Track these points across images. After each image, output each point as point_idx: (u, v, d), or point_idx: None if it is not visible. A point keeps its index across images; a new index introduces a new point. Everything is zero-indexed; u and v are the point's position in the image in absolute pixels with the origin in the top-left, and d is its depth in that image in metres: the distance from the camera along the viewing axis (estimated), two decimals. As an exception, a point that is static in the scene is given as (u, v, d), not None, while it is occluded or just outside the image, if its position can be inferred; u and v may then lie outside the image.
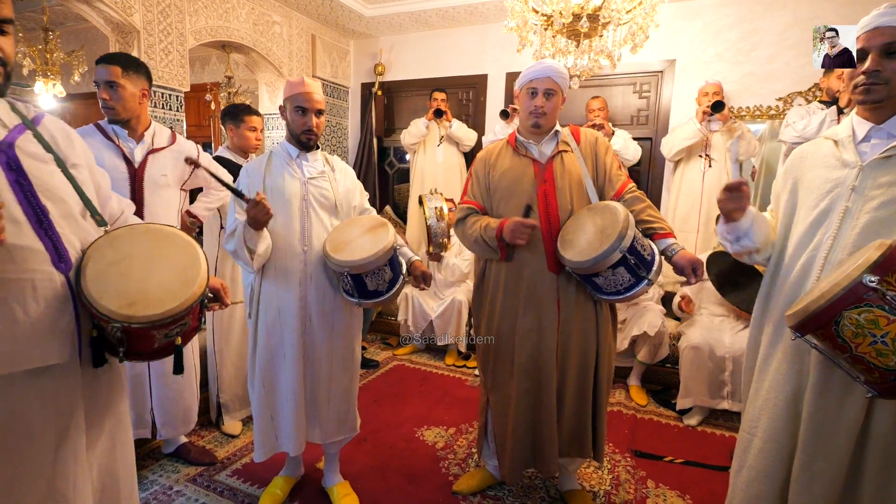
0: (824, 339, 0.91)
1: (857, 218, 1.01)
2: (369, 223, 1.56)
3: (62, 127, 1.00)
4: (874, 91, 0.98)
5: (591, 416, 1.58)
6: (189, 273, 0.94)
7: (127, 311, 0.86)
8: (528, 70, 1.53)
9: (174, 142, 1.77)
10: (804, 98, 2.77)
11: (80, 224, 0.94)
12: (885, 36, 0.96)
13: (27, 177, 0.87)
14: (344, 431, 1.68)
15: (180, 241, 0.98)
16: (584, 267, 1.37)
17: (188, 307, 0.91)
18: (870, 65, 0.97)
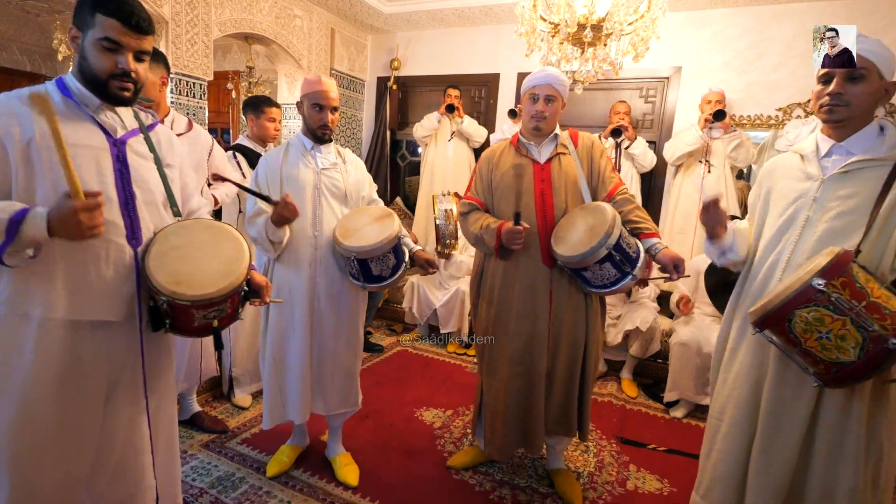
0: (780, 335, 1.02)
1: (816, 226, 1.11)
2: (377, 213, 1.69)
3: (168, 135, 1.22)
4: (836, 111, 1.08)
5: (577, 399, 1.70)
6: (231, 266, 1.09)
7: (173, 288, 1.02)
8: (531, 77, 1.63)
9: (191, 129, 1.92)
10: (802, 109, 2.82)
11: (159, 212, 1.13)
12: None
13: (128, 168, 1.08)
14: (346, 405, 1.82)
15: (233, 239, 1.14)
16: (574, 261, 1.49)
17: (223, 295, 1.05)
18: (833, 87, 1.07)
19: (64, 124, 0.97)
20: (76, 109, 1.04)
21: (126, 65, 1.01)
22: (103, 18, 0.98)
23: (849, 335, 0.91)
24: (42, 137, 0.96)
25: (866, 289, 0.93)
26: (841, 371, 0.93)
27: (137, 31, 1.01)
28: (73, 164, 0.90)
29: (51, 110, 0.89)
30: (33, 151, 0.96)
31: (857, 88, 1.05)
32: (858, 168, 1.09)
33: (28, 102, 0.98)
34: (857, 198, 1.08)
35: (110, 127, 1.07)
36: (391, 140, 4.13)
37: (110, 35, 0.99)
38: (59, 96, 1.03)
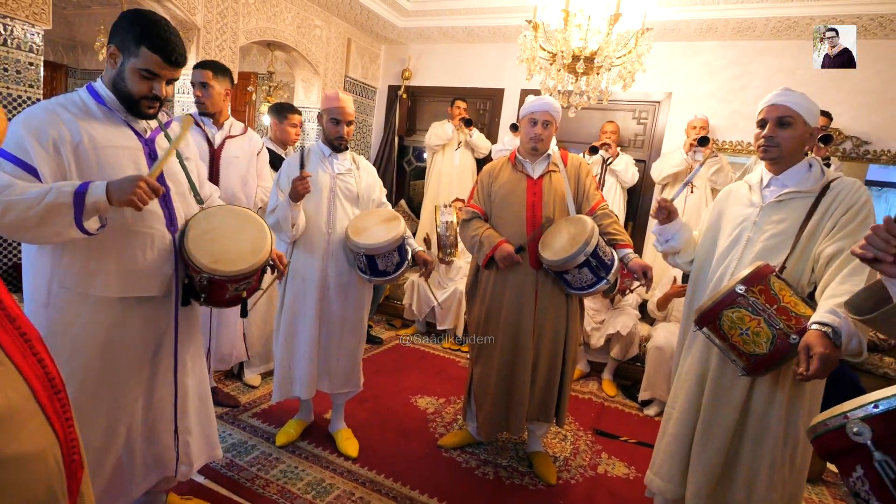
0: (714, 331, 1.24)
1: (755, 245, 1.33)
2: (385, 215, 1.91)
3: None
4: (769, 151, 1.31)
5: (557, 389, 1.92)
6: (258, 245, 1.31)
7: (213, 266, 1.23)
8: (530, 103, 1.86)
9: (245, 132, 2.20)
10: (779, 139, 3.07)
11: (186, 200, 1.33)
12: (779, 111, 1.28)
13: None
14: (349, 386, 2.04)
15: (255, 221, 1.35)
16: (556, 264, 1.71)
17: (255, 269, 1.27)
18: (767, 132, 1.30)
19: (103, 128, 1.14)
20: (111, 115, 1.18)
21: (160, 91, 1.16)
22: (147, 53, 1.11)
23: (762, 332, 1.13)
24: (90, 141, 1.11)
25: (779, 296, 1.16)
26: (756, 361, 1.15)
27: (175, 65, 1.15)
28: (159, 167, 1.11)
29: (184, 135, 1.14)
30: (82, 153, 1.11)
31: (786, 133, 1.28)
32: (790, 198, 1.32)
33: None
34: (786, 223, 1.30)
35: (140, 129, 1.22)
36: (399, 145, 4.36)
37: (152, 68, 1.12)
38: (94, 104, 1.16)
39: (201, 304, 1.32)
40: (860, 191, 1.24)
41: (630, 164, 3.27)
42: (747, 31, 3.02)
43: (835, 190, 1.27)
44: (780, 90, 1.30)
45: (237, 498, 1.68)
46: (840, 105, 2.98)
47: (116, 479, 1.24)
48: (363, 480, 1.86)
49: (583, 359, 3.08)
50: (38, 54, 2.30)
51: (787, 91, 1.29)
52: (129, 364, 1.23)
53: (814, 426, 0.75)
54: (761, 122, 1.32)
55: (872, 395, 0.68)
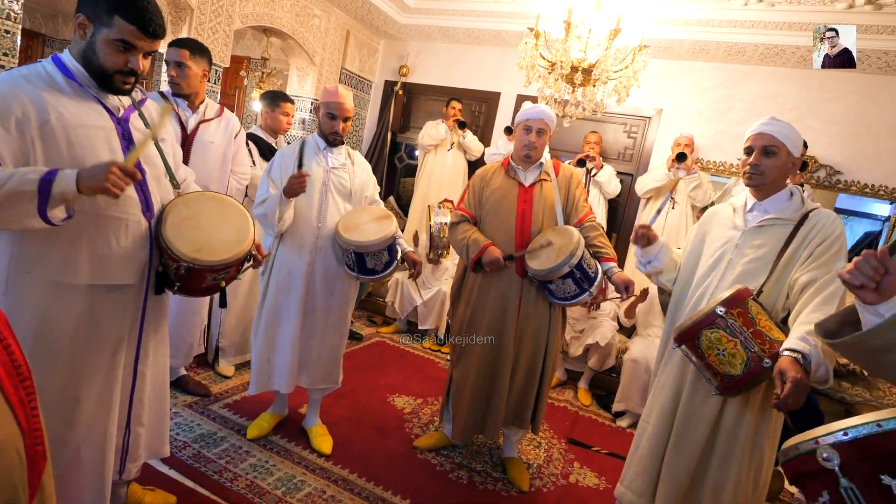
0: (692, 350, 1.27)
1: (735, 268, 1.37)
2: (377, 213, 1.90)
3: (157, 109, 1.31)
4: (754, 178, 1.35)
5: (534, 396, 1.94)
6: (241, 234, 1.27)
7: (194, 255, 1.19)
8: (525, 111, 1.88)
9: (221, 114, 2.11)
10: (761, 163, 3.17)
11: (162, 184, 1.26)
12: (765, 140, 1.32)
13: (135, 145, 1.16)
14: (328, 381, 2.02)
15: (237, 209, 1.31)
16: (541, 274, 1.73)
17: (237, 259, 1.24)
18: (752, 159, 1.34)
19: (73, 105, 1.03)
20: (80, 91, 1.07)
21: (136, 65, 1.06)
22: (122, 22, 1.02)
23: (738, 354, 1.17)
24: (58, 120, 1.01)
25: (755, 319, 1.19)
26: (730, 381, 1.18)
27: (153, 37, 1.06)
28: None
29: (163, 122, 1.05)
30: (49, 133, 1.01)
31: (770, 162, 1.32)
32: (770, 224, 1.36)
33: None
34: (765, 248, 1.34)
35: (113, 107, 1.12)
36: (391, 142, 4.33)
37: (127, 39, 1.03)
38: (62, 78, 1.06)
39: (175, 293, 1.27)
40: (836, 223, 1.28)
41: (613, 175, 3.32)
42: (737, 54, 3.11)
43: (812, 220, 1.32)
44: (767, 119, 1.34)
45: (203, 490, 1.64)
46: (816, 133, 3.10)
47: (73, 470, 1.19)
48: (335, 478, 1.84)
49: (561, 367, 3.12)
50: (17, 22, 2.20)
51: (774, 121, 1.33)
52: (96, 353, 1.17)
53: (786, 449, 0.77)
54: (748, 150, 1.36)
55: (842, 423, 0.70)
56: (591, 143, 3.36)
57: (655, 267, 1.54)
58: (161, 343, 1.37)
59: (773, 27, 2.75)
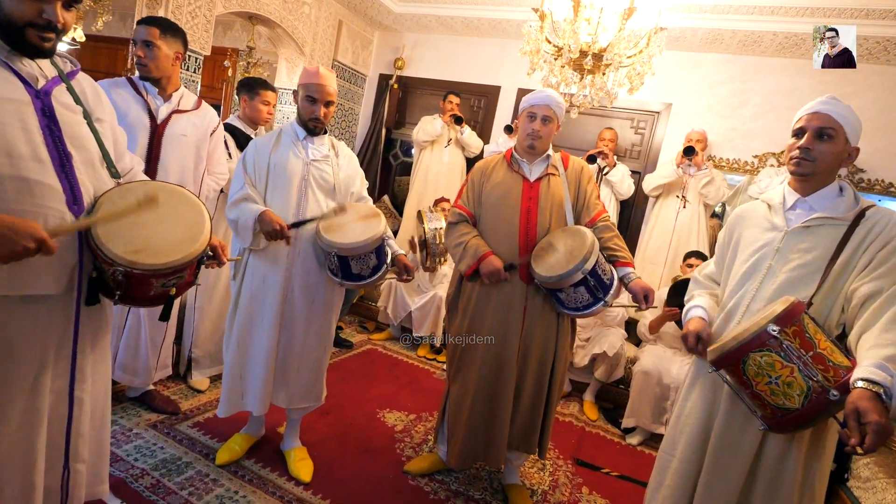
0: (733, 375, 1.06)
1: (777, 275, 1.17)
2: (364, 211, 1.68)
3: (93, 84, 1.09)
4: (803, 165, 1.14)
5: (541, 417, 1.73)
6: (194, 231, 1.05)
7: (132, 257, 0.96)
8: (530, 96, 1.67)
9: (199, 107, 1.89)
10: (776, 159, 2.98)
11: (97, 172, 1.04)
12: (821, 121, 1.12)
13: (58, 123, 0.96)
14: (308, 400, 1.80)
15: (190, 201, 1.10)
16: (550, 282, 1.52)
17: (189, 261, 1.02)
18: (804, 142, 1.13)
19: None
20: None
21: (53, 15, 0.88)
22: None
23: (795, 382, 0.96)
24: None
25: (814, 339, 0.98)
26: (785, 416, 0.97)
27: None
28: None
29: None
30: None
31: (824, 146, 1.12)
32: (818, 224, 1.16)
33: None
34: (814, 252, 1.14)
35: (29, 76, 0.93)
36: (386, 138, 4.12)
37: None
38: None
39: (116, 303, 1.06)
40: None
41: (627, 174, 3.13)
42: (752, 45, 2.91)
43: (871, 220, 1.12)
44: (825, 97, 1.14)
45: (161, 529, 1.42)
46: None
47: None
48: (314, 511, 1.62)
49: (565, 378, 2.91)
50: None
51: (834, 100, 1.12)
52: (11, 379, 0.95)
53: None
54: (798, 131, 1.16)
55: None
56: (606, 139, 3.16)
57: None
58: (101, 362, 1.15)
59: (794, 13, 2.56)
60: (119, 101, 1.68)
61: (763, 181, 2.47)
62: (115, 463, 1.65)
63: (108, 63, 4.95)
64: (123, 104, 1.69)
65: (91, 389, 1.11)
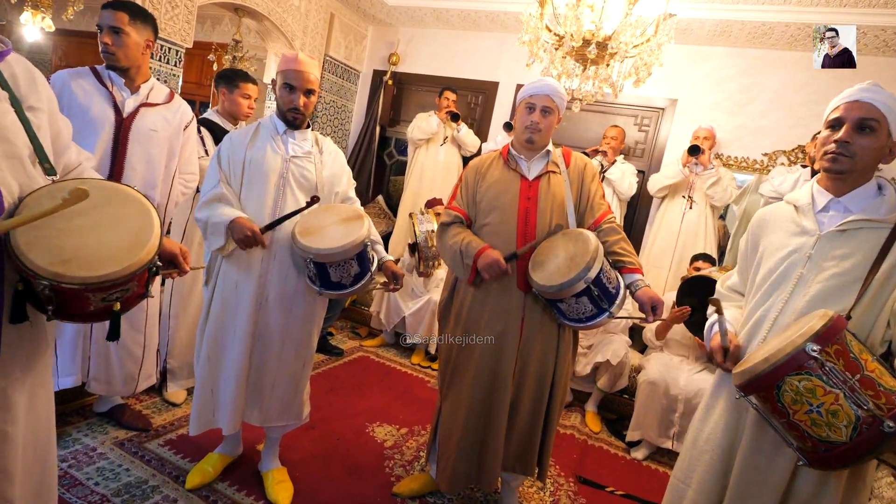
0: (765, 402, 0.92)
1: (809, 286, 1.03)
2: (346, 213, 1.54)
3: (28, 67, 0.94)
4: (840, 161, 1.00)
5: (540, 436, 1.59)
6: (139, 237, 0.91)
7: (58, 269, 0.80)
8: (529, 86, 1.53)
9: (171, 100, 1.73)
10: (787, 157, 2.85)
11: (25, 169, 0.89)
12: (862, 111, 0.98)
13: None
14: (286, 418, 1.65)
15: (134, 202, 0.95)
16: (549, 292, 1.37)
17: (130, 273, 0.87)
18: (842, 135, 0.99)
19: None
20: None
21: None
22: None
23: (841, 411, 0.82)
24: None
25: (860, 360, 0.84)
26: (830, 451, 0.83)
27: None
28: None
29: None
30: None
31: (865, 140, 0.98)
32: (856, 228, 1.02)
33: None
34: (852, 259, 1.00)
35: None
36: (380, 136, 3.99)
37: None
38: None
39: (49, 319, 0.91)
40: None
41: (628, 173, 2.98)
42: (762, 37, 2.78)
43: None
44: (866, 84, 1.00)
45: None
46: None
47: None
48: (292, 542, 1.48)
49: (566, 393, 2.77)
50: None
51: (876, 87, 0.99)
52: None
53: None
54: (834, 123, 1.02)
55: None
56: (609, 137, 3.01)
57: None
58: (40, 386, 1.00)
59: (807, 3, 2.43)
60: (80, 93, 1.54)
61: (776, 178, 2.33)
62: (73, 488, 1.50)
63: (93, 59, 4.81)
64: (85, 97, 1.55)
65: (26, 419, 0.96)
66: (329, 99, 3.81)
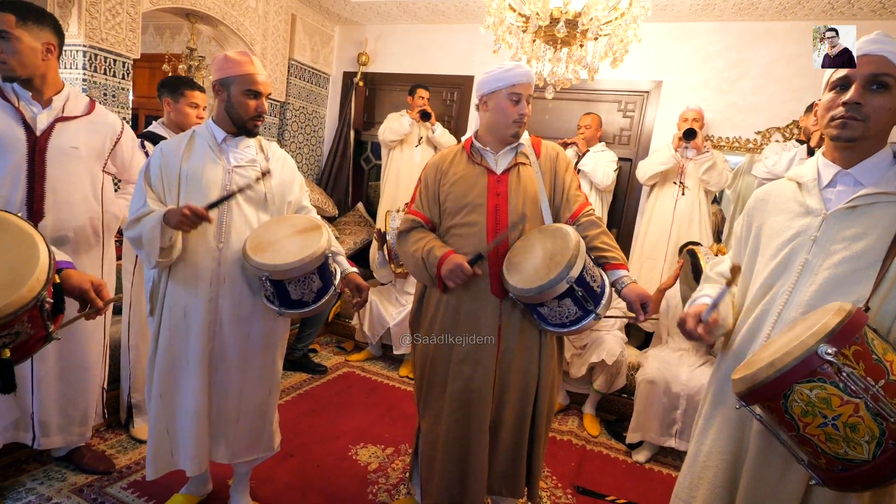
0: (770, 413, 0.79)
1: (816, 273, 0.90)
2: (301, 224, 1.39)
3: None
4: (851, 126, 0.86)
5: (526, 455, 1.45)
6: (20, 272, 0.77)
7: None
8: (508, 72, 1.36)
9: (92, 110, 1.55)
10: (781, 134, 2.71)
11: None
12: (872, 66, 0.84)
13: None
14: (256, 451, 1.51)
15: (15, 231, 0.81)
16: (528, 295, 1.24)
17: (10, 314, 0.73)
18: (852, 95, 0.85)
19: None
20: None
21: None
22: None
23: (862, 424, 0.69)
24: None
25: (885, 362, 0.71)
26: (850, 470, 0.70)
27: None
28: None
29: None
30: None
31: (879, 100, 0.85)
32: (869, 203, 0.89)
33: None
34: (866, 240, 0.87)
35: None
36: (355, 141, 3.83)
37: None
38: None
39: None
40: None
41: (602, 161, 2.77)
42: (749, 8, 2.64)
43: None
44: (874, 35, 0.87)
45: None
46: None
47: None
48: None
49: (561, 390, 2.64)
50: None
51: (886, 37, 0.85)
52: None
53: None
54: (840, 83, 0.88)
55: None
56: (582, 126, 2.86)
57: (717, 335, 1.03)
58: None
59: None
60: None
61: (770, 158, 2.19)
62: (16, 550, 1.35)
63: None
64: None
65: None
66: (298, 105, 3.66)
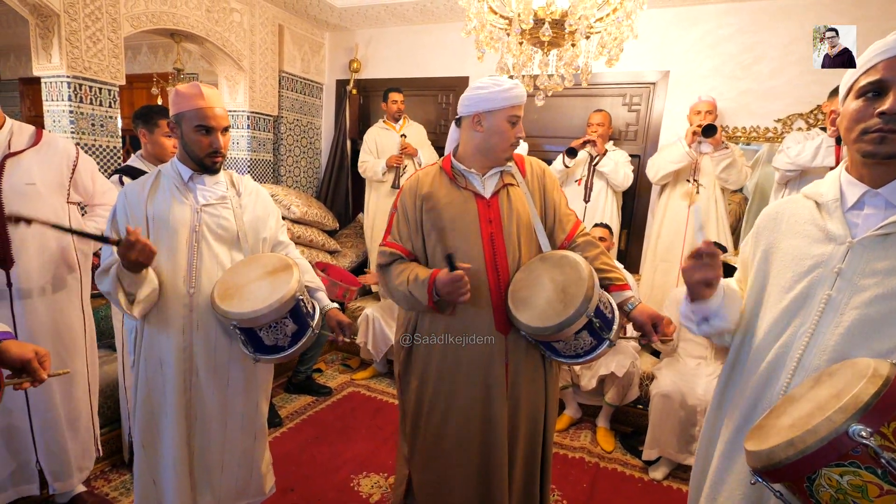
0: (793, 493, 0.67)
1: (842, 313, 0.76)
2: (271, 264, 1.31)
3: None
4: (889, 141, 0.72)
5: (539, 491, 1.36)
6: None
7: None
8: (508, 92, 1.23)
9: (38, 141, 1.45)
10: (805, 121, 2.49)
11: None
12: None
13: None
14: (246, 497, 1.46)
15: None
16: (546, 334, 1.13)
17: None
18: (891, 104, 0.71)
19: None
20: None
21: None
22: None
23: (908, 522, 0.56)
24: None
25: (933, 443, 0.58)
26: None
27: None
28: None
29: None
30: None
31: None
32: (904, 231, 0.75)
33: None
34: (903, 276, 0.73)
35: None
36: (352, 150, 3.75)
37: None
38: None
39: None
40: None
41: (621, 163, 2.66)
42: (759, -14, 2.43)
43: None
44: None
45: None
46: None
47: None
48: None
49: (573, 402, 2.52)
50: None
51: None
52: None
53: None
54: (872, 88, 0.74)
55: None
56: (594, 124, 2.69)
57: (717, 327, 0.92)
58: None
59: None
60: None
61: (793, 148, 1.96)
62: None
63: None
64: None
65: None
66: (292, 118, 3.59)
